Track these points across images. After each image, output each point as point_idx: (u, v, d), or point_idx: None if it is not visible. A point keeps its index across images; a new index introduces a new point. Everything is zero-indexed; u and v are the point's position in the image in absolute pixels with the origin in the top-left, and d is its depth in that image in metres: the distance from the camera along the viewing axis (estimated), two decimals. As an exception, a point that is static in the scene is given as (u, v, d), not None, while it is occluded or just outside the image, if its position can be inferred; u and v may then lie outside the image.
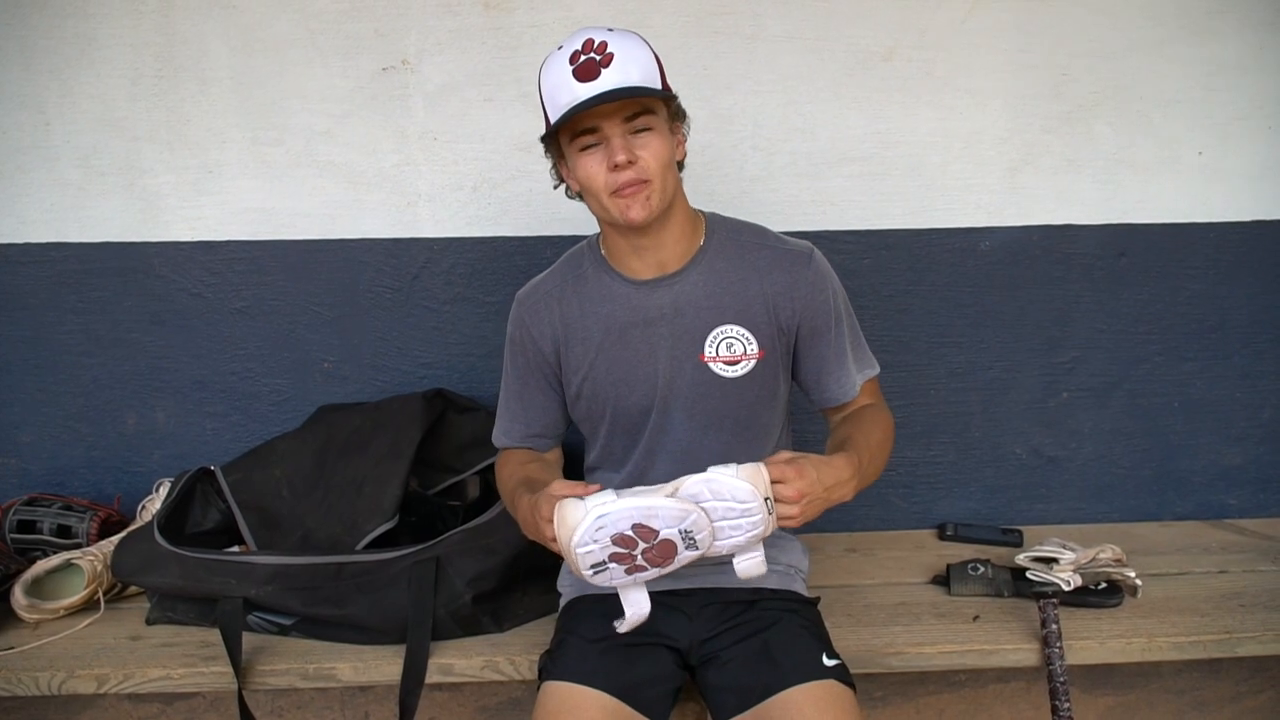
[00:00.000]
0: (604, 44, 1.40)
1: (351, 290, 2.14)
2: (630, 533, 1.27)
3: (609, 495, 1.28)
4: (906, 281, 2.15)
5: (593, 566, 1.30)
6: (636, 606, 1.37)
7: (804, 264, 1.56)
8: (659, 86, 1.44)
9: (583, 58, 1.39)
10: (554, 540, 1.32)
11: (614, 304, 1.57)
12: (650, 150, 1.43)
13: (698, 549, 1.31)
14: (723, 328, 1.55)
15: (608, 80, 1.38)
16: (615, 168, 1.42)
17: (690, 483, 1.28)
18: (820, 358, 1.59)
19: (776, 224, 2.01)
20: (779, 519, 1.31)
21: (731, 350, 1.55)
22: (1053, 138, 2.10)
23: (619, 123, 1.41)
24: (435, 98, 2.05)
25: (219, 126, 2.06)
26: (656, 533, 1.28)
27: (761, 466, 1.29)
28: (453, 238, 2.11)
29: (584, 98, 1.38)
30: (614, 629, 1.39)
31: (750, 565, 1.35)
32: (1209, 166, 2.12)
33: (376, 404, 2.06)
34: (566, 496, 1.31)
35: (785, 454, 1.35)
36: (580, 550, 1.28)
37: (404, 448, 1.91)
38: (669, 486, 1.29)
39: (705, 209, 1.63)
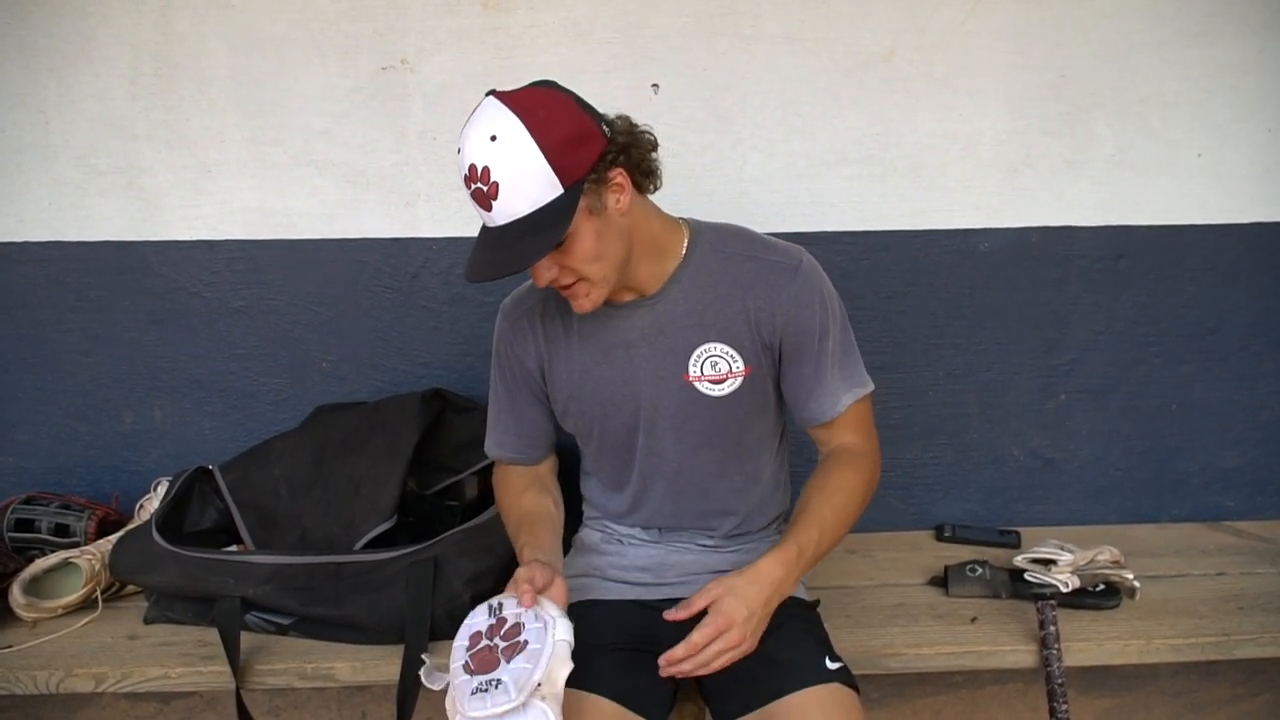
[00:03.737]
0: (486, 171, 1.30)
1: (350, 290, 2.14)
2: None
3: None
4: (904, 283, 2.15)
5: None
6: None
7: (789, 277, 1.50)
8: (559, 190, 1.32)
9: (473, 186, 1.33)
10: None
11: (595, 323, 1.55)
12: (572, 256, 1.38)
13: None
14: (706, 346, 1.52)
15: (497, 213, 1.33)
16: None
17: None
18: (800, 375, 1.54)
19: (775, 225, 2.03)
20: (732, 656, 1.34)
21: (716, 369, 1.52)
22: (1052, 139, 2.09)
23: None
24: (435, 97, 2.05)
25: (218, 126, 2.06)
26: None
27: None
28: (452, 237, 2.11)
29: (488, 224, 1.37)
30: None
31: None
32: (1208, 168, 2.12)
33: (374, 404, 2.05)
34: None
35: (700, 633, 1.35)
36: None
37: (402, 448, 1.91)
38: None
39: (693, 216, 1.59)
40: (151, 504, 2.04)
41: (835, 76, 2.05)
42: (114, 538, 1.93)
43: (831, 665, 1.46)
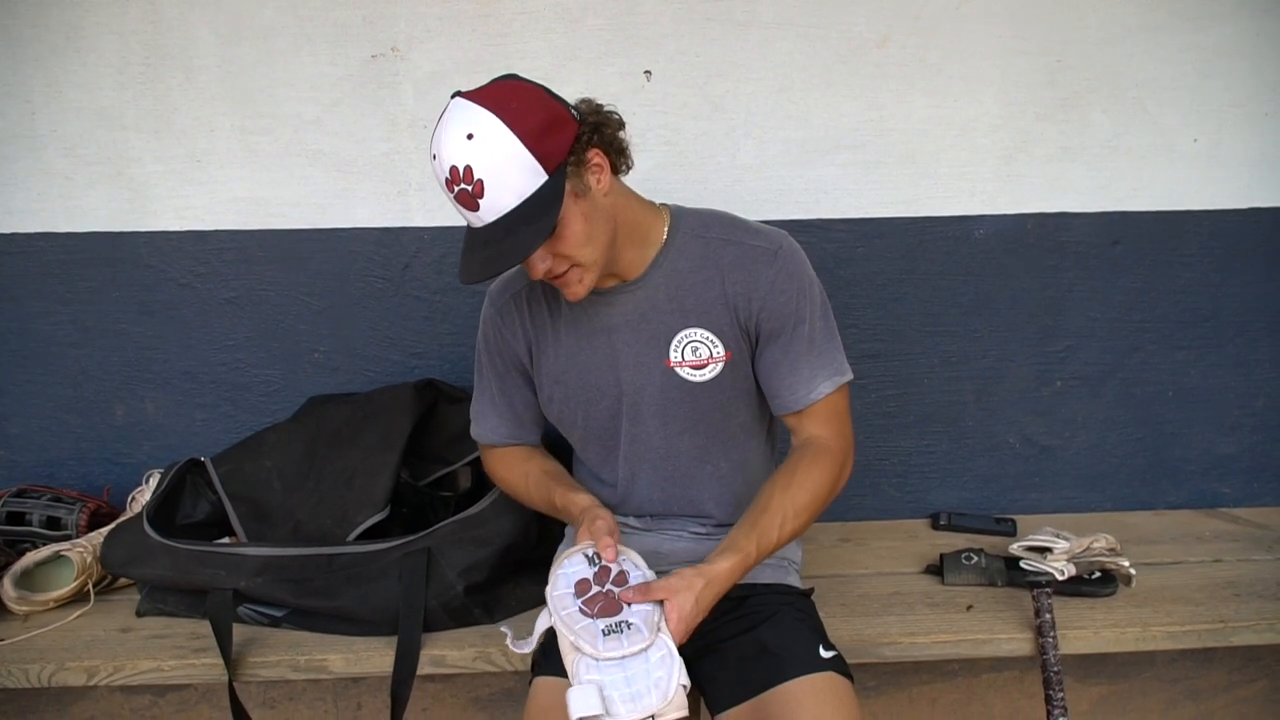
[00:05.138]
0: (469, 170, 1.29)
1: (342, 280, 2.13)
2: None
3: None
4: (900, 270, 2.14)
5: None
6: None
7: (766, 262, 1.49)
8: (544, 177, 1.32)
9: (456, 188, 1.32)
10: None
11: (579, 309, 1.54)
12: (564, 242, 1.38)
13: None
14: (686, 331, 1.51)
15: (485, 210, 1.32)
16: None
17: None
18: (773, 362, 1.53)
19: (769, 213, 2.02)
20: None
21: (697, 354, 1.52)
22: (1047, 125, 2.08)
23: None
24: (425, 85, 2.03)
25: (207, 115, 2.04)
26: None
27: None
28: (443, 227, 2.09)
29: (475, 225, 1.35)
30: None
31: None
32: (1204, 154, 2.11)
33: (367, 394, 2.04)
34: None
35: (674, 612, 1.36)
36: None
37: (395, 439, 1.90)
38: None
39: (685, 203, 1.58)
40: (143, 496, 2.04)
41: (829, 63, 2.04)
42: (105, 530, 1.93)
43: (826, 654, 1.46)
